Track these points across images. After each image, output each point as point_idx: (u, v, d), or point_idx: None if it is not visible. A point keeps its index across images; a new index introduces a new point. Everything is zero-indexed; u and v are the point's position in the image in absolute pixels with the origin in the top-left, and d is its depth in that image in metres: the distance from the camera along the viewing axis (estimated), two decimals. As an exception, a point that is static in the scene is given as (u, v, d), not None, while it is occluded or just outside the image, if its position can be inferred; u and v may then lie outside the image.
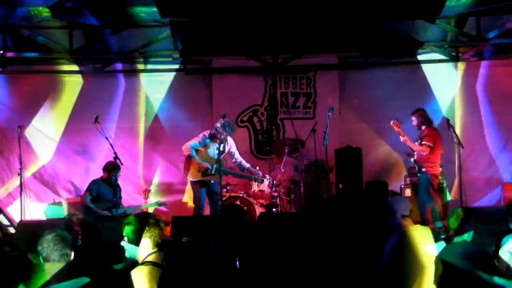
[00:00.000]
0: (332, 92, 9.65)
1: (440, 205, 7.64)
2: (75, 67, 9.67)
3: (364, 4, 7.89)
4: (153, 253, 3.60)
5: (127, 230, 3.63)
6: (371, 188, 8.80)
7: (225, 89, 9.74)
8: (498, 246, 4.79)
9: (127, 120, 9.72)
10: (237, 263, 4.53)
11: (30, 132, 9.38)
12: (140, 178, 9.65)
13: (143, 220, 3.64)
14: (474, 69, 9.51)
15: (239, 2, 7.81)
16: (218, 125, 7.70)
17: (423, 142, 7.58)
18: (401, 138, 7.71)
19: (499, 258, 4.57)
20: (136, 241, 3.60)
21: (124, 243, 3.65)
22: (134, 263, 3.62)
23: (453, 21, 8.91)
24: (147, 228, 3.60)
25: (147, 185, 9.36)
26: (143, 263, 3.56)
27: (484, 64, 9.48)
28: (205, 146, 7.80)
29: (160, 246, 3.66)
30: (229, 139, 7.90)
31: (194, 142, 7.79)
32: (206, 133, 7.84)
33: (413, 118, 7.82)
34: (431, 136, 7.62)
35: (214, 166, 7.71)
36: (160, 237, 3.65)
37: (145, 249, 3.60)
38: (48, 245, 3.59)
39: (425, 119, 7.76)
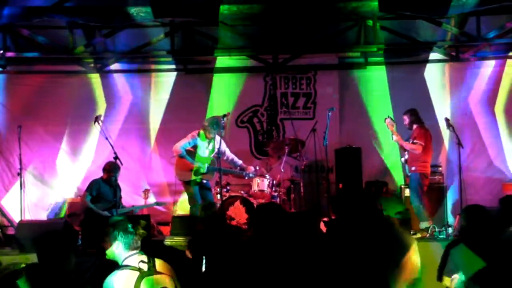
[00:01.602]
0: (332, 92, 9.65)
1: (427, 205, 7.65)
2: (75, 67, 9.67)
3: (365, 3, 7.91)
4: (129, 256, 3.61)
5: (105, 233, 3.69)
6: (371, 188, 8.80)
7: (225, 90, 9.74)
8: None
9: (127, 120, 9.71)
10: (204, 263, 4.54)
11: (30, 133, 9.37)
12: (139, 179, 9.64)
13: (114, 225, 3.68)
14: (474, 69, 9.51)
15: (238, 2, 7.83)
16: (206, 123, 7.70)
17: (415, 141, 7.63)
18: (394, 138, 7.75)
19: None
20: (108, 244, 3.66)
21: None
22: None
23: (453, 21, 8.91)
24: (116, 233, 3.64)
25: (147, 185, 9.35)
26: (120, 267, 3.58)
27: (484, 64, 9.48)
28: (195, 146, 7.81)
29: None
30: (217, 137, 7.88)
31: (183, 142, 7.78)
32: (195, 133, 7.84)
33: (405, 117, 7.88)
34: (423, 135, 7.66)
35: (206, 165, 7.72)
36: (135, 241, 3.65)
37: (119, 253, 3.64)
38: None
39: (416, 118, 7.81)
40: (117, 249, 3.64)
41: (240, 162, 8.15)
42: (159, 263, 3.64)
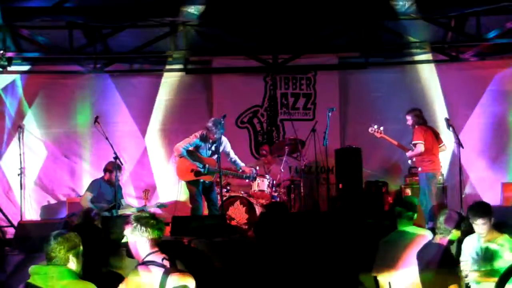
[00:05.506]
0: (332, 92, 9.65)
1: (435, 205, 7.64)
2: (75, 67, 9.66)
3: (364, 4, 7.93)
4: (152, 253, 3.59)
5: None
6: (371, 188, 8.80)
7: (225, 90, 9.74)
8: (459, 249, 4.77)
9: (127, 121, 9.70)
10: None
11: (30, 133, 9.37)
12: (138, 180, 9.63)
13: (139, 220, 3.63)
14: (474, 70, 9.51)
15: (239, 2, 7.84)
16: (210, 124, 7.67)
17: (413, 142, 7.64)
18: (407, 153, 7.78)
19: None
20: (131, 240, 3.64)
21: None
22: None
23: (453, 21, 8.91)
24: (144, 228, 3.59)
25: (147, 186, 9.33)
26: (145, 263, 3.55)
27: (484, 64, 9.48)
28: (197, 146, 7.79)
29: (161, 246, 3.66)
30: (223, 138, 7.85)
31: (185, 143, 7.76)
32: (198, 133, 7.80)
33: (408, 117, 7.88)
34: (419, 133, 7.64)
35: (207, 166, 7.70)
36: (159, 238, 3.63)
37: (143, 249, 3.60)
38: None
39: (419, 119, 7.82)
40: (143, 245, 3.59)
41: (242, 164, 8.11)
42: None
